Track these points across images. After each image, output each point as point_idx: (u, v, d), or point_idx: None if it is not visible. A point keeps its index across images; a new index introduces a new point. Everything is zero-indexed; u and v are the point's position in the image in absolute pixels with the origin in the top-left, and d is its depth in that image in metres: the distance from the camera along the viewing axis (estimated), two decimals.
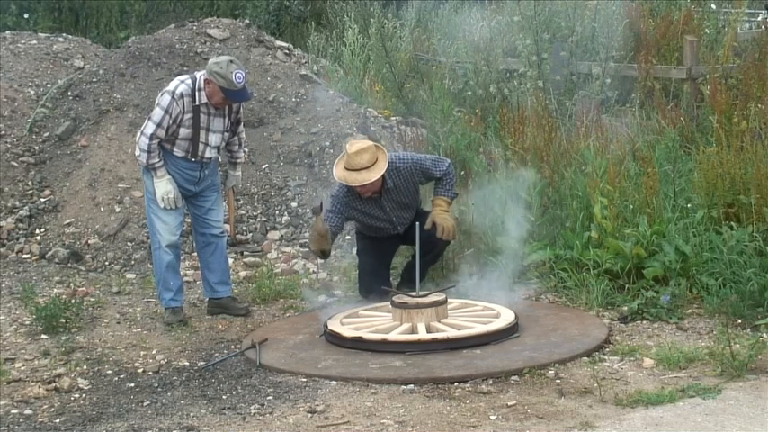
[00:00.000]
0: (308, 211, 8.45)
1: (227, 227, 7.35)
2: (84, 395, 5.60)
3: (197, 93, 6.60)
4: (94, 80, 9.61)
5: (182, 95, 6.57)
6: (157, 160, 6.66)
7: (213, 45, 9.95)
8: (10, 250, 8.51)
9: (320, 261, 7.46)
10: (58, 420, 5.25)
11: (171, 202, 6.70)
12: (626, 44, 10.07)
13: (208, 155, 6.77)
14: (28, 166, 9.11)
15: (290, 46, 11.27)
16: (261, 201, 8.79)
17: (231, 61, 6.56)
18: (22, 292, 7.36)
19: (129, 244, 8.34)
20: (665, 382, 5.32)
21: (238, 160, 7.14)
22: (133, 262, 8.21)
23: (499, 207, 7.49)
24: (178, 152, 6.70)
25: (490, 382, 5.43)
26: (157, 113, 6.60)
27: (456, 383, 5.43)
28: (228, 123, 6.80)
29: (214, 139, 6.74)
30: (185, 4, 16.57)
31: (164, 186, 6.68)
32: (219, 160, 7.16)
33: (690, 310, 6.43)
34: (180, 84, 6.64)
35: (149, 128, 6.60)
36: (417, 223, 6.72)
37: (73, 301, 6.91)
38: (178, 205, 6.74)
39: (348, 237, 8.45)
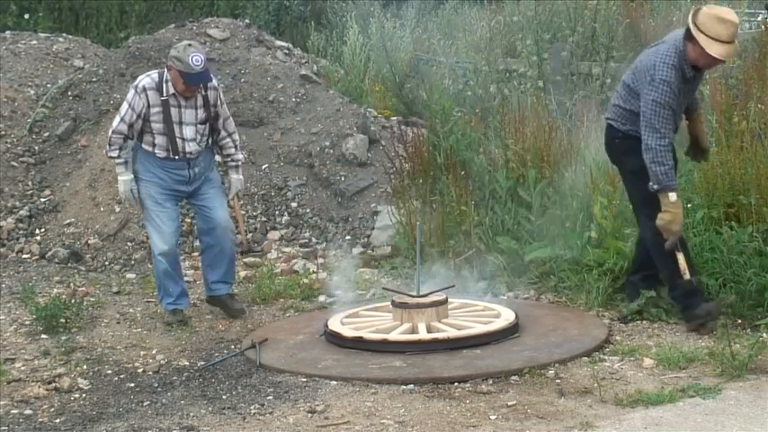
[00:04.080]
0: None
1: (240, 231, 7.31)
2: (84, 395, 5.60)
3: (164, 85, 6.52)
4: (94, 80, 9.61)
5: (144, 89, 6.51)
6: (116, 155, 6.63)
7: (213, 45, 9.95)
8: (10, 250, 8.51)
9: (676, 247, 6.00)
10: (57, 420, 5.25)
11: (129, 200, 6.73)
12: (626, 44, 10.07)
13: (188, 149, 6.63)
14: (28, 166, 9.11)
15: (290, 46, 11.29)
16: (261, 201, 8.80)
17: (189, 44, 6.50)
18: (22, 292, 7.36)
19: (129, 244, 8.34)
20: (665, 382, 5.32)
21: (238, 162, 6.99)
22: (133, 262, 8.21)
23: (499, 207, 7.50)
24: (160, 152, 6.61)
25: (490, 382, 5.43)
26: (122, 107, 6.62)
27: (456, 383, 5.43)
28: (203, 116, 6.63)
29: (188, 131, 6.60)
30: (185, 4, 16.57)
31: (121, 185, 6.68)
32: (215, 155, 6.98)
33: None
34: (145, 77, 6.60)
35: (115, 121, 6.64)
36: (418, 223, 6.73)
37: (73, 301, 6.91)
38: (134, 204, 6.78)
39: (348, 237, 8.46)
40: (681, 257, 5.87)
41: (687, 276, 5.85)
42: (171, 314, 6.75)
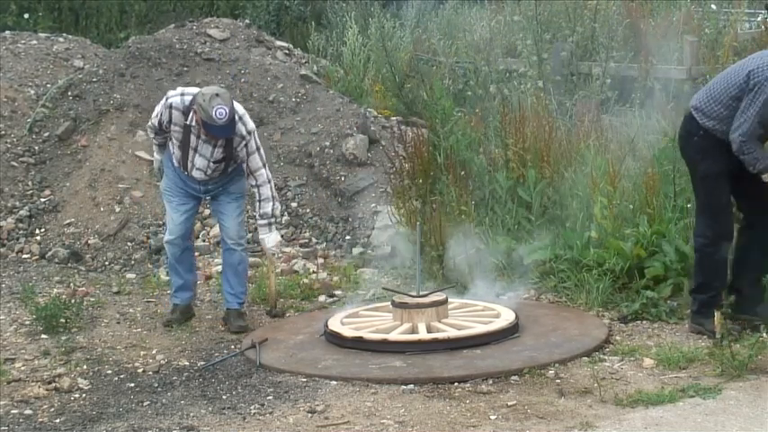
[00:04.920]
0: None
1: (270, 295, 6.89)
2: (84, 395, 5.60)
3: (191, 113, 6.33)
4: (94, 80, 9.61)
5: (171, 106, 6.41)
6: (153, 136, 6.79)
7: (213, 45, 9.95)
8: (10, 250, 8.51)
9: None
10: (58, 420, 5.25)
11: (157, 177, 7.07)
12: (626, 44, 10.07)
13: (195, 175, 6.53)
14: (28, 166, 9.11)
15: (290, 46, 11.28)
16: None
17: (217, 94, 6.15)
18: (22, 292, 7.36)
19: (129, 244, 8.33)
20: (665, 382, 5.32)
21: (258, 221, 6.59)
22: (133, 262, 8.21)
23: (499, 207, 7.49)
24: (174, 161, 6.61)
25: (490, 382, 5.43)
26: (158, 106, 6.61)
27: (456, 383, 5.43)
28: (220, 155, 6.43)
29: (200, 162, 6.47)
30: (185, 4, 16.54)
31: (155, 163, 6.96)
32: (242, 171, 6.66)
33: (690, 311, 6.42)
34: (177, 95, 6.43)
35: (153, 112, 6.68)
36: (418, 223, 6.72)
37: (73, 301, 6.90)
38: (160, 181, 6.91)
39: (348, 237, 8.46)
40: (718, 316, 5.79)
41: (718, 336, 5.74)
42: (170, 312, 6.81)
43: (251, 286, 7.46)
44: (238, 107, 6.43)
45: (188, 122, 6.40)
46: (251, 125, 6.47)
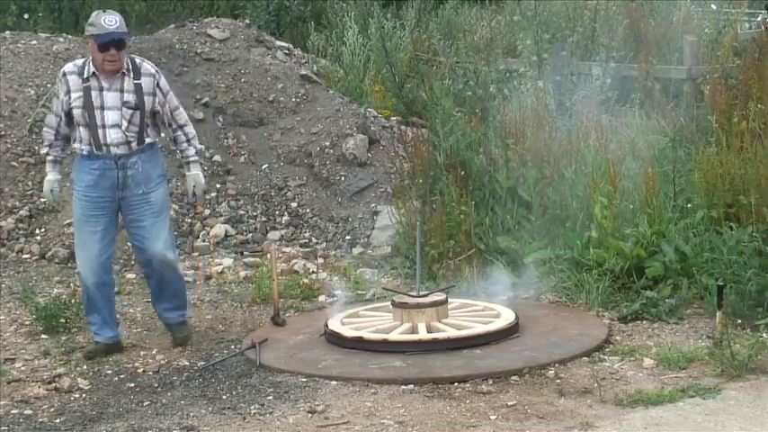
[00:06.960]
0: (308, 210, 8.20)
1: (274, 302, 6.63)
2: (84, 395, 5.60)
3: (86, 66, 6.06)
4: None
5: (65, 74, 6.10)
6: (45, 151, 6.39)
7: (213, 45, 9.96)
8: (10, 250, 8.50)
9: None
10: (58, 420, 5.25)
11: (50, 201, 6.56)
12: (626, 44, 10.07)
13: (110, 139, 5.95)
14: (28, 166, 9.11)
15: (290, 46, 11.29)
16: (261, 201, 8.80)
17: (103, 11, 6.01)
18: (22, 292, 7.36)
19: (128, 244, 8.31)
20: (665, 382, 5.32)
21: (190, 158, 6.28)
22: (133, 262, 8.20)
23: (499, 207, 7.50)
24: (84, 148, 6.02)
25: (490, 382, 5.43)
26: (54, 101, 6.31)
27: (456, 383, 5.43)
28: (130, 99, 6.02)
29: (111, 116, 5.97)
30: (185, 4, 16.55)
31: (45, 185, 6.33)
32: (163, 168, 6.33)
33: (690, 311, 6.43)
34: (69, 64, 6.20)
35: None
36: (418, 223, 6.72)
37: (73, 301, 6.90)
38: (55, 205, 6.48)
39: (348, 237, 8.46)
40: (719, 316, 5.77)
41: (717, 336, 5.71)
42: (93, 344, 6.27)
43: (251, 286, 7.47)
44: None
45: (86, 76, 6.04)
46: (155, 66, 6.32)
